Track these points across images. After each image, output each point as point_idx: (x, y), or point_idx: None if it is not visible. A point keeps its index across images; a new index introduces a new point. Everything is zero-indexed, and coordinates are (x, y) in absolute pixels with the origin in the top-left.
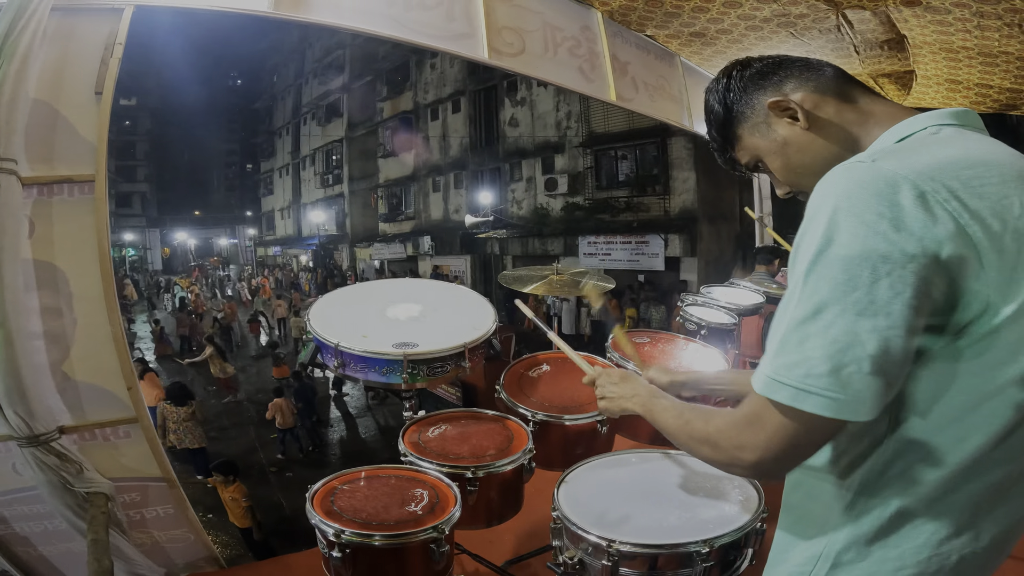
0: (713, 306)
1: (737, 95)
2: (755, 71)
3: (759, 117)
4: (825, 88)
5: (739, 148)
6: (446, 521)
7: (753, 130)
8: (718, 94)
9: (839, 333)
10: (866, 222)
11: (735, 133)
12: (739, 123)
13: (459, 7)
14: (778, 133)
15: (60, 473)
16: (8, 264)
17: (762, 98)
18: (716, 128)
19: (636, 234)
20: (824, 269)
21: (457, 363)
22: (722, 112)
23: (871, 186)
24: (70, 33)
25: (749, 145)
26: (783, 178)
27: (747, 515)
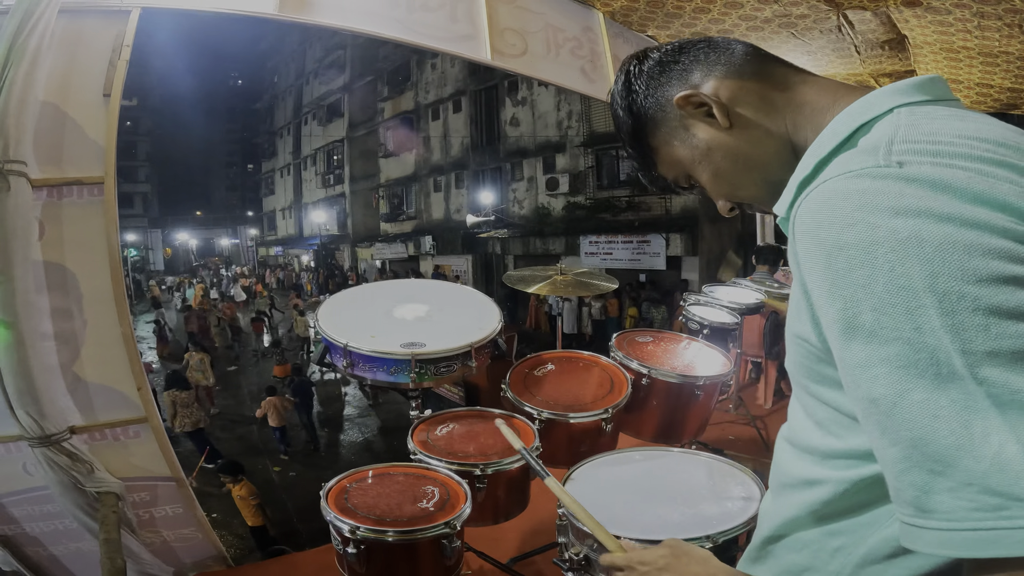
0: (715, 305)
1: (640, 95)
2: (654, 62)
3: (672, 120)
4: (740, 71)
5: (660, 162)
6: (457, 517)
7: (669, 138)
8: (620, 98)
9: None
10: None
11: (649, 144)
12: (651, 131)
13: (462, 9)
14: (697, 137)
15: (71, 473)
16: (19, 266)
17: (668, 95)
18: (627, 141)
19: (637, 233)
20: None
21: (464, 362)
22: (628, 120)
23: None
24: (78, 35)
25: (669, 157)
26: (715, 192)
27: (750, 511)
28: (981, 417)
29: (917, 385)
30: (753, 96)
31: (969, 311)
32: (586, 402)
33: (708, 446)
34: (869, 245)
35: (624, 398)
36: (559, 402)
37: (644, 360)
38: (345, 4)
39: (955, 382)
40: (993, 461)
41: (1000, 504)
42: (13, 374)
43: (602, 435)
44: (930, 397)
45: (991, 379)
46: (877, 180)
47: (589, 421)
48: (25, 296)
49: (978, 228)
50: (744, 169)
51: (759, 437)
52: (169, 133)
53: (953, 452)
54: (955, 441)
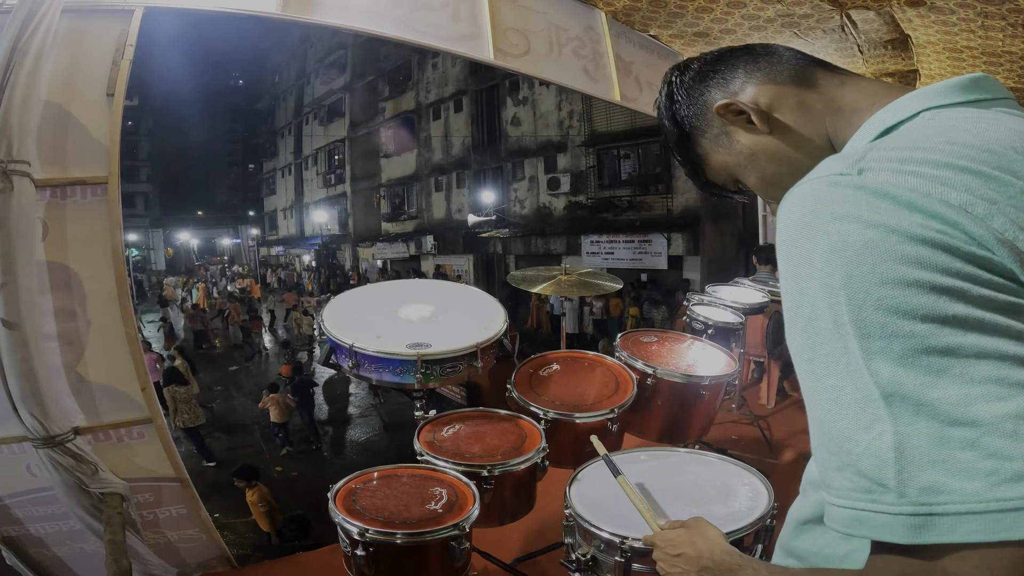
0: (719, 305)
1: (683, 106)
2: (693, 72)
3: (715, 128)
4: (779, 76)
5: (708, 169)
6: (466, 519)
7: (715, 144)
8: (664, 109)
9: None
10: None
11: (696, 152)
12: (696, 139)
13: (465, 8)
14: (740, 143)
15: (75, 474)
16: (22, 266)
17: (708, 104)
18: (675, 150)
19: (639, 233)
20: None
21: (469, 363)
22: (674, 130)
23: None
24: (81, 35)
25: (716, 164)
26: (766, 193)
27: (757, 511)
28: (872, 407)
29: (830, 372)
30: (791, 100)
31: (872, 309)
32: (591, 402)
33: (712, 446)
34: (809, 246)
35: (630, 398)
36: (565, 402)
37: (649, 360)
38: (348, 3)
39: (856, 373)
40: (868, 447)
41: (869, 487)
42: (17, 375)
43: (608, 435)
44: (838, 384)
45: (881, 373)
46: (831, 187)
47: (595, 421)
48: (29, 296)
49: (898, 235)
50: (788, 171)
51: (762, 437)
52: (170, 133)
53: (841, 435)
54: (845, 426)
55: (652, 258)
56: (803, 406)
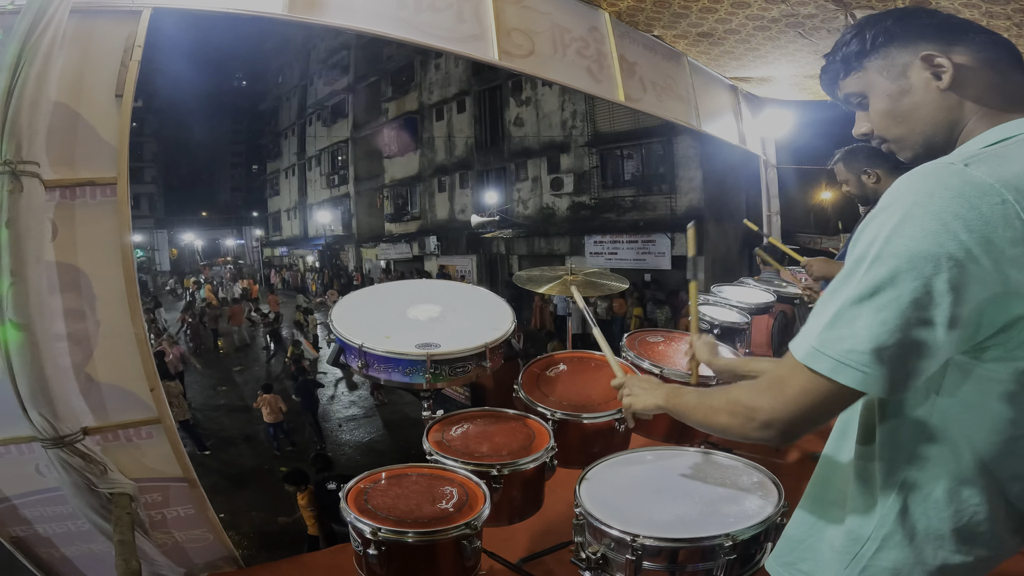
0: (724, 305)
1: (895, 37)
2: (935, 23)
3: (899, 61)
4: (991, 62)
5: (854, 77)
6: (477, 517)
7: (883, 69)
8: (872, 31)
9: (889, 316)
10: (943, 221)
11: (863, 64)
12: (874, 59)
13: (469, 9)
14: (907, 81)
15: (84, 474)
16: (32, 267)
17: (921, 47)
18: (846, 56)
19: (642, 233)
20: (889, 256)
21: (478, 363)
22: (863, 47)
23: (956, 189)
24: (89, 35)
25: (868, 80)
26: (877, 121)
27: (768, 509)
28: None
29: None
30: (982, 81)
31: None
32: (598, 402)
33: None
34: (896, 211)
35: None
36: (572, 402)
37: (656, 360)
38: (353, 4)
39: (873, 300)
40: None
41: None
42: (26, 375)
43: (615, 435)
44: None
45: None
46: (935, 172)
47: (602, 421)
48: (38, 297)
49: (944, 226)
50: (915, 119)
51: None
52: (174, 134)
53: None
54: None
55: (655, 258)
56: None
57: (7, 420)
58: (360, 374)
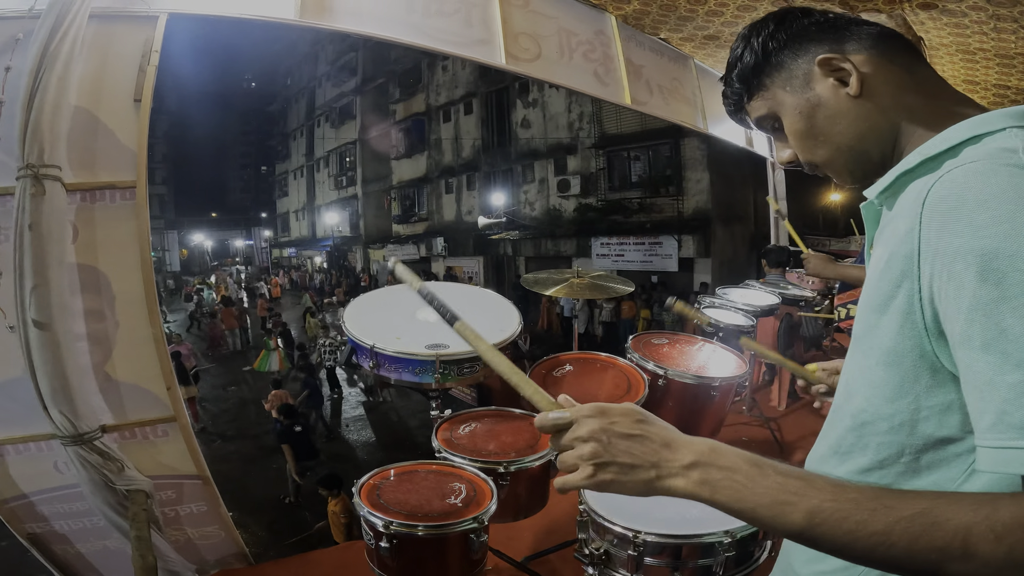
0: (729, 307)
1: (782, 43)
2: (816, 21)
3: (798, 71)
4: (890, 56)
5: (758, 99)
6: (485, 512)
7: (785, 83)
8: (759, 38)
9: None
10: None
11: (762, 82)
12: (772, 73)
13: (476, 13)
14: (814, 92)
15: (102, 471)
16: (54, 268)
17: (813, 51)
18: (741, 73)
19: (649, 235)
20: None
21: (485, 364)
22: (756, 58)
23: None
24: (108, 40)
25: (773, 98)
26: (797, 143)
27: None
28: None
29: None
30: (893, 79)
31: None
32: (604, 402)
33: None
34: (1014, 210)
35: (641, 399)
36: (579, 402)
37: (660, 361)
38: (362, 9)
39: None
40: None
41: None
42: (48, 374)
43: None
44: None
45: None
46: (1008, 167)
47: None
48: (60, 298)
49: None
50: (837, 133)
51: (773, 438)
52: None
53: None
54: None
55: (663, 260)
56: (813, 409)
57: (27, 418)
58: (371, 374)
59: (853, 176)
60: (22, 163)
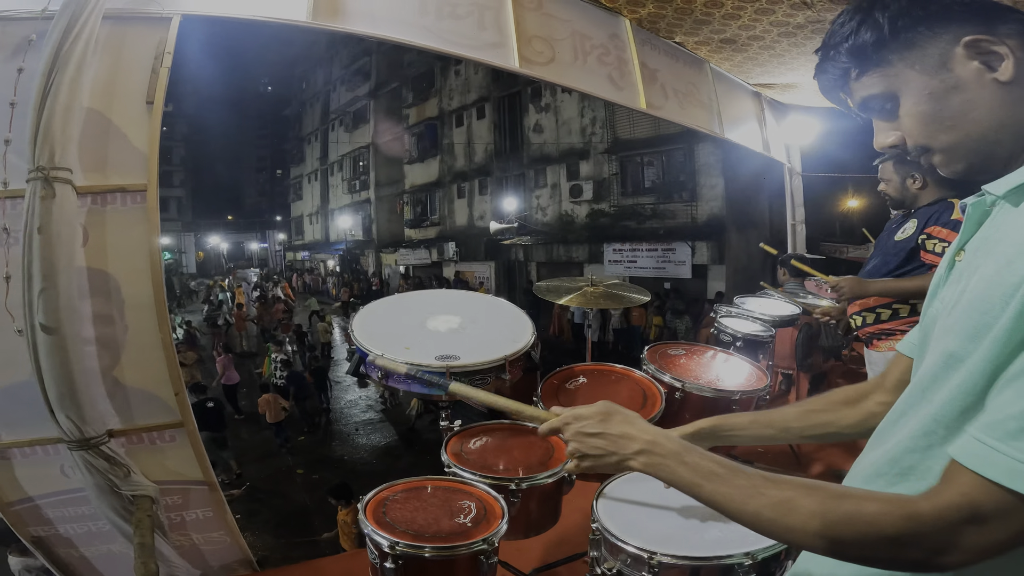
0: (748, 317)
1: (918, 19)
2: (966, 2)
3: (934, 50)
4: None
5: (875, 75)
6: (495, 533)
7: (915, 62)
8: (887, 13)
9: None
10: None
11: (885, 58)
12: (900, 50)
13: (489, 16)
14: (952, 74)
15: (108, 476)
16: (63, 272)
17: (959, 30)
18: (855, 48)
19: (662, 241)
20: None
21: (498, 375)
22: (879, 34)
23: None
24: (121, 42)
25: (896, 76)
26: (917, 127)
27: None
28: None
29: None
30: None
31: None
32: None
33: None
34: None
35: (658, 412)
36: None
37: (677, 373)
38: (376, 12)
39: None
40: None
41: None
42: (55, 378)
43: None
44: None
45: None
46: None
47: None
48: (69, 301)
49: None
50: (972, 120)
51: (789, 450)
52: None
53: None
54: None
55: (676, 267)
56: None
57: (35, 421)
58: (379, 384)
59: (971, 167)
60: (33, 165)
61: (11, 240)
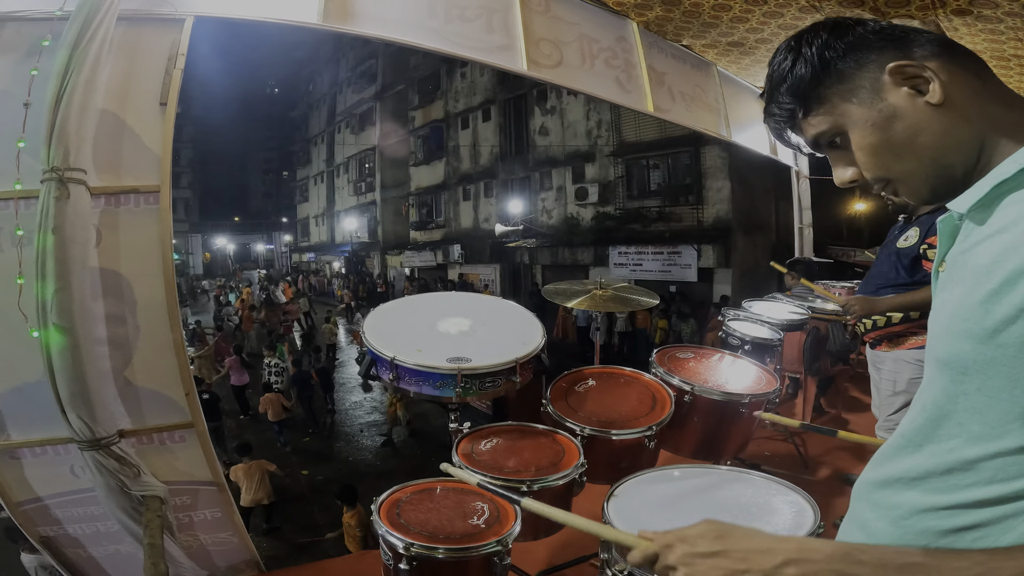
0: (756, 321)
1: (841, 51)
2: (873, 29)
3: (863, 81)
4: (962, 62)
5: (818, 114)
6: (508, 535)
7: (850, 95)
8: (812, 47)
9: None
10: None
11: (822, 95)
12: (832, 84)
13: (498, 19)
14: (887, 103)
15: (118, 476)
16: (76, 272)
17: (879, 59)
18: (794, 87)
19: (668, 244)
20: None
21: (508, 378)
22: (813, 69)
23: None
24: (135, 43)
25: (838, 111)
26: (869, 159)
27: (801, 531)
28: None
29: None
30: (970, 87)
31: None
32: (628, 419)
33: (745, 462)
34: None
35: (667, 416)
36: (601, 418)
37: (686, 376)
38: (385, 14)
39: None
40: None
41: None
42: (67, 378)
43: (644, 452)
44: None
45: None
46: None
47: (632, 438)
48: (82, 302)
49: None
50: (920, 146)
51: (797, 453)
52: (210, 140)
53: None
54: None
55: (681, 270)
56: (840, 424)
57: (46, 421)
58: (390, 386)
59: (934, 192)
60: (47, 166)
61: (25, 240)
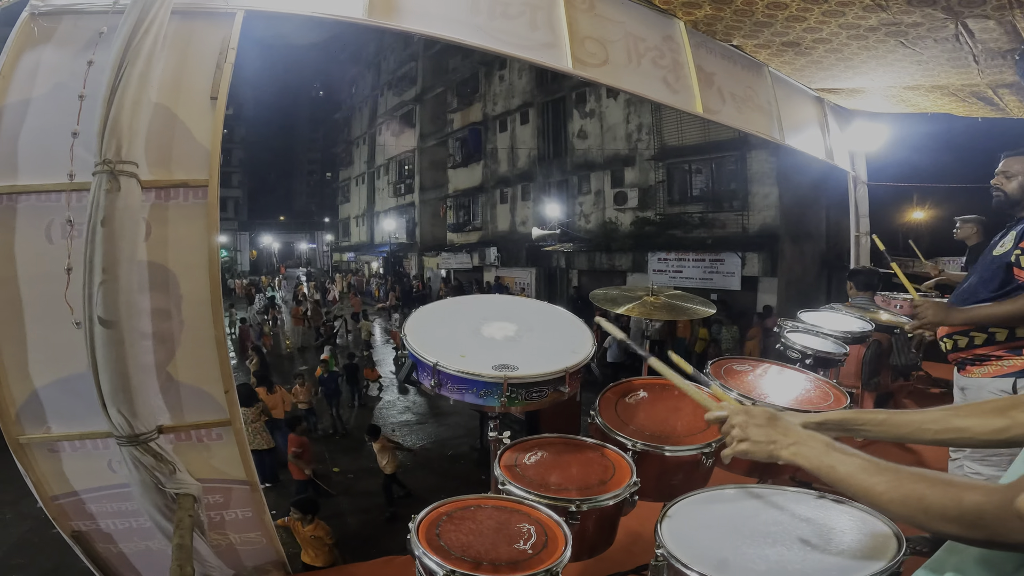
0: (816, 333)
1: None
2: None
3: None
4: None
5: None
6: (558, 563)
7: None
8: None
9: None
10: None
11: None
12: None
13: (541, 17)
14: None
15: (154, 473)
16: (124, 265)
17: None
18: None
19: (711, 251)
20: None
21: (556, 387)
22: None
23: None
24: (188, 37)
25: None
26: None
27: (881, 560)
28: None
29: None
30: None
31: None
32: (682, 434)
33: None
34: None
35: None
36: (653, 432)
37: (744, 391)
38: (430, 10)
39: None
40: None
41: None
42: (110, 372)
43: (699, 469)
44: None
45: None
46: None
47: (687, 455)
48: (128, 295)
49: None
50: None
51: None
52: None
53: None
54: None
55: (724, 278)
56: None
57: (86, 415)
58: (432, 392)
59: None
60: (99, 158)
61: (75, 232)
